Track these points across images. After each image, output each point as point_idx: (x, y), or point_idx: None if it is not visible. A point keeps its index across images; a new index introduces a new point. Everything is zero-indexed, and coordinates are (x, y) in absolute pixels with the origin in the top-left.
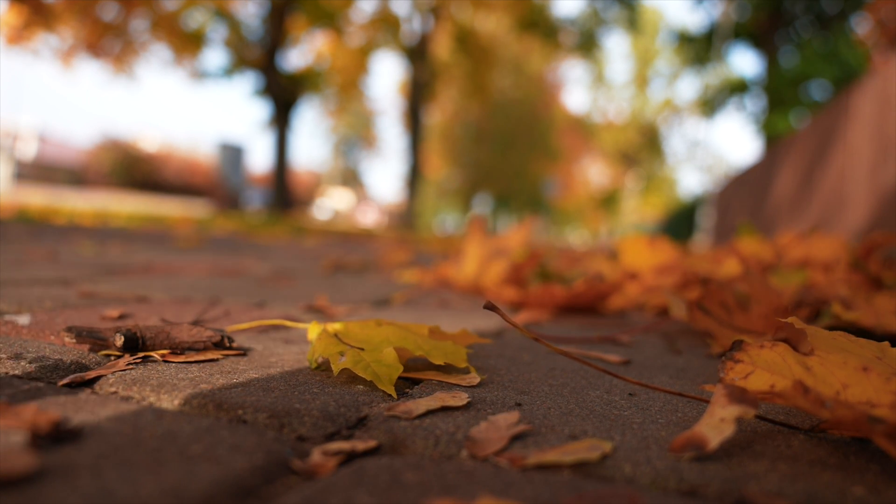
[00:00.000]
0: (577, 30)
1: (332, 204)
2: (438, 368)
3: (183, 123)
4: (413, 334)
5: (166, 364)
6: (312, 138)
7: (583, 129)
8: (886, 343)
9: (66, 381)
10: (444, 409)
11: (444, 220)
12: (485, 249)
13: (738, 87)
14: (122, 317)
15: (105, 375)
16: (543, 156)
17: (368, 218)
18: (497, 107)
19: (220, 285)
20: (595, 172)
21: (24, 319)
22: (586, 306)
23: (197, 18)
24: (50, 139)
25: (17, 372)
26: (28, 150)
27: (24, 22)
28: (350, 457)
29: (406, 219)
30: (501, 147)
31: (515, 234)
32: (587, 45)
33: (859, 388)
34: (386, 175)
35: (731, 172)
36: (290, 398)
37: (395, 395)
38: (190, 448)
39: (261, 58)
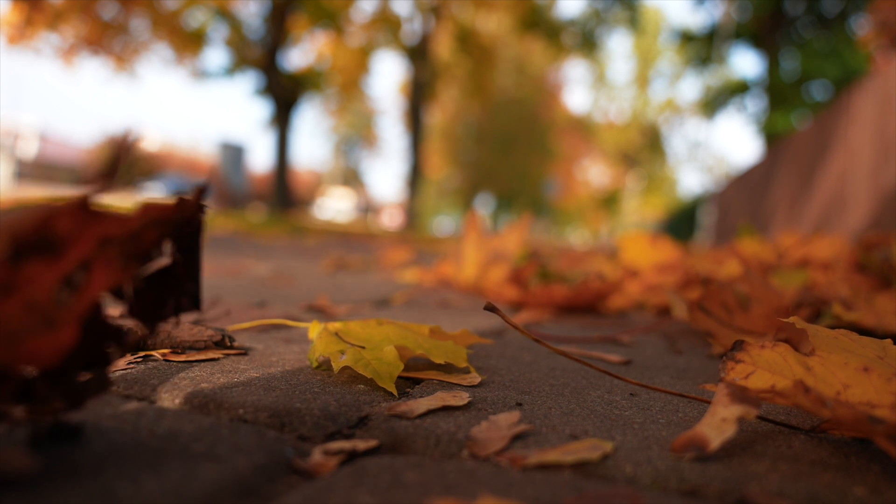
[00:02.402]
0: (578, 30)
1: (334, 205)
2: (439, 368)
3: (184, 123)
4: (414, 333)
5: (167, 363)
6: (313, 138)
7: (584, 129)
8: (889, 341)
9: None
10: (445, 409)
11: (445, 221)
12: (482, 249)
13: (739, 88)
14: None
15: None
16: (544, 156)
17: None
18: (498, 107)
19: (220, 284)
20: (596, 173)
21: None
22: (587, 306)
23: (198, 18)
24: (51, 138)
25: None
26: (29, 149)
27: (25, 20)
28: (351, 456)
29: (407, 218)
30: (502, 147)
31: (512, 232)
32: (588, 45)
33: (860, 389)
34: (387, 175)
35: (732, 173)
36: (291, 397)
37: (395, 392)
38: (191, 447)
39: (262, 57)
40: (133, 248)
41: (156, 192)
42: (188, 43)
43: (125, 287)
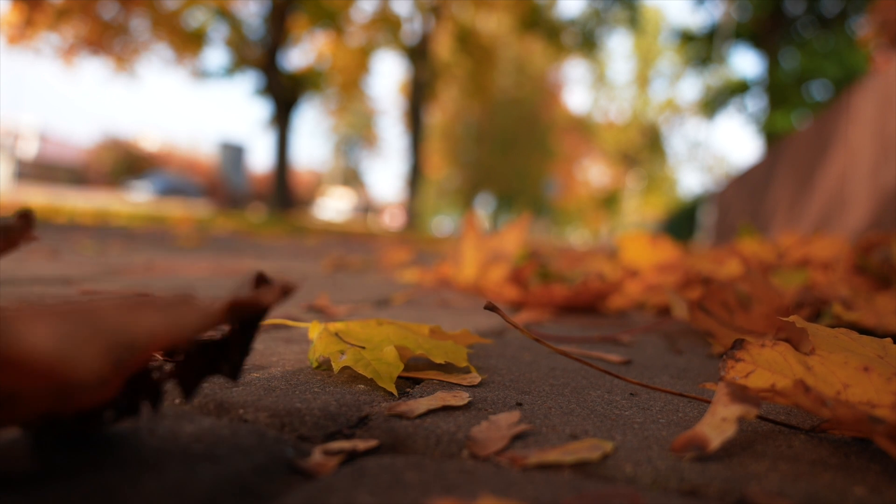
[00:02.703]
0: (577, 30)
1: (334, 205)
2: (439, 368)
3: (184, 123)
4: (414, 333)
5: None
6: (313, 138)
7: (584, 129)
8: (889, 340)
9: None
10: (445, 409)
11: (445, 221)
12: (481, 249)
13: (739, 88)
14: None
15: None
16: (544, 156)
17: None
18: (498, 106)
19: (221, 284)
20: (596, 173)
21: None
22: (587, 306)
23: (198, 17)
24: (51, 138)
25: None
26: (29, 149)
27: (26, 20)
28: (351, 456)
29: (407, 218)
30: (502, 147)
31: (511, 232)
32: (588, 45)
33: (860, 388)
34: (387, 175)
35: (732, 173)
36: (291, 397)
37: (395, 392)
38: (191, 447)
39: (262, 57)
40: (203, 327)
41: (144, 191)
42: (188, 43)
43: (178, 350)
